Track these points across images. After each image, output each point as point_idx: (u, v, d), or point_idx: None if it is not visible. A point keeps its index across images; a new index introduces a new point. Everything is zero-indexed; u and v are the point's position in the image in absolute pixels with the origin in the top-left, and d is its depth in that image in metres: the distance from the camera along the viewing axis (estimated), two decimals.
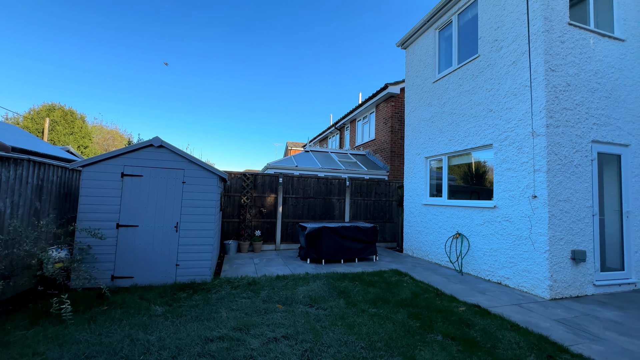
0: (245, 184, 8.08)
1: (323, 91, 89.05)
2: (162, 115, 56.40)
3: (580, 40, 5.01)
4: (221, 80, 70.01)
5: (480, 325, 3.33)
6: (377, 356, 2.60)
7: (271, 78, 78.47)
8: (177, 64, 57.33)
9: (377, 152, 11.94)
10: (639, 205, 5.26)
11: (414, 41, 8.26)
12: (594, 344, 3.07)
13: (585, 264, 4.71)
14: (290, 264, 6.40)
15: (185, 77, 60.36)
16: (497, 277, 5.30)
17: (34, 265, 4.15)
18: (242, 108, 77.15)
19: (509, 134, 5.25)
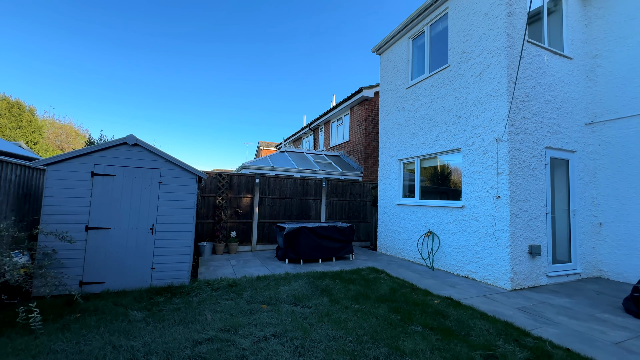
0: (221, 184, 7.92)
1: (296, 91, 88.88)
2: (124, 112, 52.92)
3: (537, 57, 5.58)
4: (188, 76, 67.24)
5: (454, 316, 3.62)
6: (365, 348, 2.74)
7: (240, 75, 76.81)
8: (140, 58, 54.08)
9: (351, 153, 12.23)
10: (583, 205, 5.96)
11: (388, 48, 8.61)
12: (550, 327, 3.46)
13: (540, 257, 5.26)
14: (269, 265, 6.39)
15: (150, 72, 57.15)
16: (465, 272, 5.72)
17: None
18: (211, 105, 74.69)
19: (476, 140, 5.70)
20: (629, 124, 5.60)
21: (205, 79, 71.26)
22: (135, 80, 54.55)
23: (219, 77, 74.10)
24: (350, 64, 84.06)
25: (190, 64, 66.87)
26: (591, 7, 6.29)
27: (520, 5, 5.44)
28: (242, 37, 70.14)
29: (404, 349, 2.75)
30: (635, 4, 5.60)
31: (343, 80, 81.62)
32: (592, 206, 6.03)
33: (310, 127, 16.12)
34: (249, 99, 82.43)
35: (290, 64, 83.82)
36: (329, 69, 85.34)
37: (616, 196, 5.72)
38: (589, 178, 6.07)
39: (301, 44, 78.75)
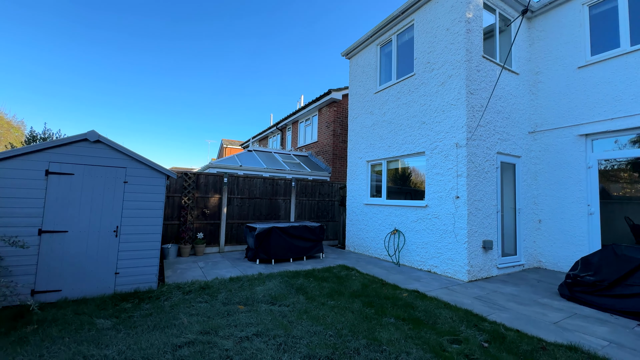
0: (187, 184, 7.61)
1: (260, 88, 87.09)
2: (59, 106, 47.77)
3: (490, 71, 6.20)
4: (136, 71, 62.61)
5: (422, 307, 3.93)
6: (345, 341, 2.89)
7: (197, 72, 73.46)
8: (90, 52, 49.23)
9: (320, 154, 12.42)
10: (526, 204, 6.75)
11: (357, 53, 8.92)
12: (502, 312, 3.92)
13: (492, 251, 5.86)
14: (239, 266, 6.31)
15: (100, 66, 52.26)
16: (428, 266, 6.18)
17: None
18: (165, 101, 70.38)
19: (438, 144, 6.17)
20: (562, 133, 6.46)
21: (157, 74, 66.94)
22: (77, 72, 49.59)
23: (173, 73, 70.18)
24: (318, 64, 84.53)
25: (139, 57, 62.45)
26: (534, 29, 7.13)
27: (477, 23, 6.00)
28: (199, 33, 67.15)
29: (381, 339, 2.95)
30: (569, 31, 6.47)
31: (311, 79, 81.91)
32: (533, 205, 6.84)
33: (277, 126, 16.02)
34: (208, 95, 79.16)
35: (248, 60, 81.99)
36: (296, 68, 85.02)
37: (552, 196, 6.56)
38: (531, 180, 6.88)
39: (265, 41, 77.48)
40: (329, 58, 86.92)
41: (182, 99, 73.64)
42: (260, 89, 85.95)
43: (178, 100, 73.81)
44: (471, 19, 5.89)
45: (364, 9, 60.93)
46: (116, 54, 61.73)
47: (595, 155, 6.04)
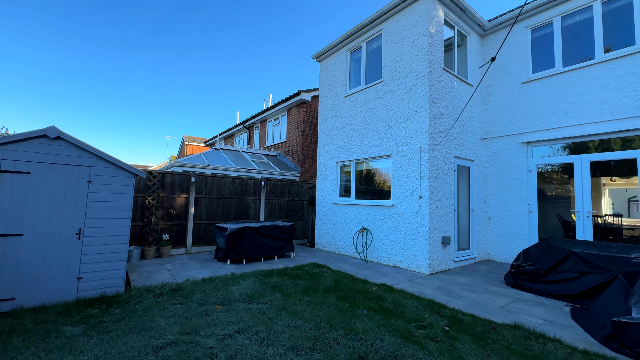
0: (151, 183, 7.29)
1: (226, 85, 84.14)
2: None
3: (450, 82, 6.80)
4: (80, 60, 57.24)
5: (391, 299, 4.26)
6: (324, 332, 3.09)
7: (155, 65, 69.13)
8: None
9: (288, 153, 12.51)
10: (478, 203, 7.50)
11: (328, 57, 9.18)
12: (458, 300, 4.39)
13: (450, 246, 6.45)
14: (209, 267, 6.23)
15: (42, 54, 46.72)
16: (393, 262, 6.61)
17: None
18: (122, 96, 65.19)
19: (404, 148, 6.63)
20: (508, 141, 7.29)
21: (106, 65, 61.78)
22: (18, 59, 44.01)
23: (126, 65, 65.26)
24: (287, 62, 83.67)
25: (85, 46, 57.20)
26: (486, 46, 7.93)
27: (438, 38, 6.55)
28: (160, 26, 63.24)
29: (357, 329, 3.20)
30: (515, 49, 7.31)
31: (279, 78, 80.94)
32: (484, 204, 7.63)
33: (244, 124, 15.77)
34: (168, 90, 74.82)
35: (212, 56, 79.03)
36: (263, 66, 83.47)
37: (500, 197, 7.38)
38: (482, 182, 7.65)
39: (231, 35, 75.10)
40: (294, 55, 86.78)
41: (134, 92, 68.74)
42: (224, 85, 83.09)
43: (130, 93, 68.75)
44: (434, 33, 6.41)
45: (333, 7, 61.73)
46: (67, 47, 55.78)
47: (535, 160, 6.92)
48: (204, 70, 75.97)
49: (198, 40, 68.91)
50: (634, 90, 5.56)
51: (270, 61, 76.90)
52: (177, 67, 70.76)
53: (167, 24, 60.15)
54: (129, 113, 62.33)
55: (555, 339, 3.12)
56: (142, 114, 64.95)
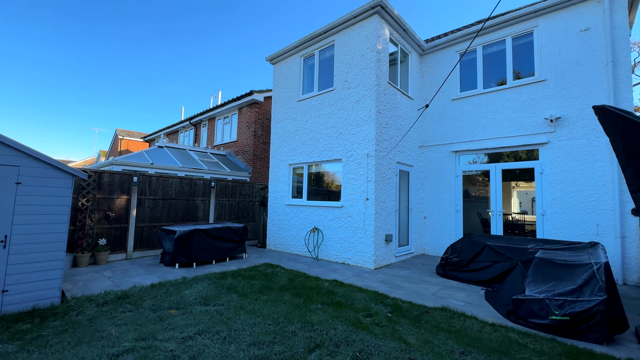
0: (86, 184, 6.66)
1: (167, 78, 77.63)
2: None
3: (393, 95, 7.54)
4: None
5: (341, 293, 4.67)
6: (283, 327, 3.33)
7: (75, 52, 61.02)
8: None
9: (239, 153, 12.32)
10: (416, 204, 8.42)
11: (282, 61, 9.34)
12: (399, 290, 5.00)
13: (392, 243, 7.17)
14: (156, 272, 5.96)
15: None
16: (343, 259, 7.10)
17: None
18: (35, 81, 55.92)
19: (353, 153, 7.16)
20: (441, 149, 8.34)
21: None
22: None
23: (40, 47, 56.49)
24: (235, 57, 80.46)
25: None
26: (424, 64, 8.93)
27: (384, 54, 7.22)
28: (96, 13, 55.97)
29: (313, 321, 3.50)
30: (447, 70, 8.37)
31: (225, 73, 77.37)
32: (420, 205, 8.59)
33: (191, 121, 15.02)
34: (94, 79, 66.50)
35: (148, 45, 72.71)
36: (208, 60, 79.06)
37: (434, 198, 8.39)
38: (419, 185, 8.61)
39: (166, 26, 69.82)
40: (242, 51, 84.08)
41: (51, 78, 59.45)
42: (164, 78, 76.80)
43: (50, 79, 59.30)
44: (380, 50, 7.05)
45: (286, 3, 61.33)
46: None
47: (461, 167, 8.04)
48: (140, 60, 68.94)
49: (135, 30, 62.37)
50: (532, 112, 6.88)
51: (217, 55, 72.85)
52: (103, 55, 62.96)
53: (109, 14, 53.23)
54: (46, 100, 53.52)
55: (472, 317, 3.82)
56: (63, 103, 56.41)
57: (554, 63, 6.71)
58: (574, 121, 6.36)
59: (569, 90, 6.47)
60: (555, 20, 6.78)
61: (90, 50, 54.94)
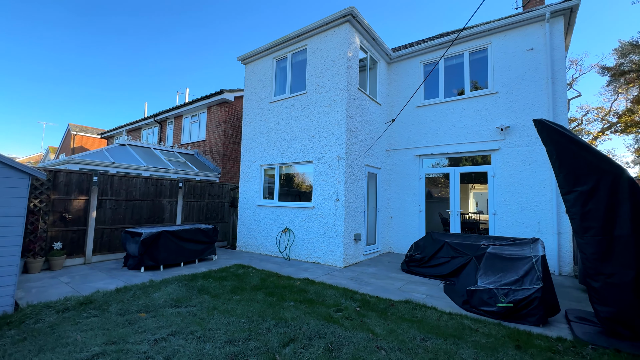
0: (39, 183, 6.20)
1: (126, 71, 72.65)
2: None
3: (363, 100, 7.88)
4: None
5: (313, 290, 4.85)
6: (257, 324, 3.43)
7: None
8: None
9: (208, 153, 12.05)
10: (383, 204, 8.85)
11: (254, 61, 9.33)
12: (367, 286, 5.29)
13: (361, 242, 7.49)
14: (120, 276, 5.73)
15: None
16: (313, 258, 7.29)
17: None
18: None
19: (324, 155, 7.38)
20: (406, 153, 8.85)
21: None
22: None
23: None
24: (202, 54, 77.41)
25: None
26: (391, 72, 9.42)
27: (355, 61, 7.54)
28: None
29: (286, 318, 3.64)
30: (413, 79, 8.91)
31: (191, 69, 74.11)
32: (387, 205, 9.04)
33: (156, 118, 14.37)
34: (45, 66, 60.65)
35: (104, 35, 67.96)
36: (171, 58, 75.36)
37: (399, 199, 8.88)
38: (386, 186, 9.06)
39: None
40: (210, 49, 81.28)
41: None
42: (124, 70, 71.78)
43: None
44: (351, 57, 7.35)
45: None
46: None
47: (424, 170, 8.60)
48: (97, 51, 63.78)
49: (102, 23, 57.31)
50: (486, 121, 7.58)
51: (180, 51, 69.20)
52: (50, 40, 57.27)
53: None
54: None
55: (432, 307, 4.19)
56: (2, 90, 50.32)
57: (505, 77, 7.45)
58: (520, 130, 7.12)
59: (517, 103, 7.23)
60: (506, 39, 7.53)
61: (35, 34, 49.54)
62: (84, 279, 5.46)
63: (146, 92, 70.65)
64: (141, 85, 72.48)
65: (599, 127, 20.94)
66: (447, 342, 3.12)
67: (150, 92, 73.50)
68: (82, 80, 61.85)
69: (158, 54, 69.46)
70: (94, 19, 55.20)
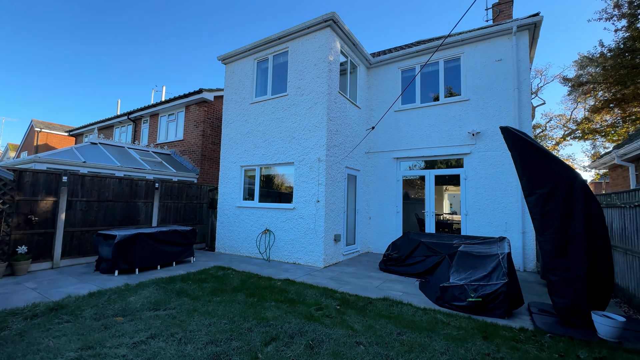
0: (2, 184, 5.85)
1: (96, 65, 68.87)
2: None
3: (343, 104, 8.06)
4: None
5: (293, 290, 4.92)
6: (239, 324, 3.45)
7: None
8: None
9: (186, 153, 11.78)
10: (362, 206, 9.07)
11: (234, 61, 9.27)
12: (347, 285, 5.43)
13: (340, 242, 7.64)
14: (92, 280, 5.52)
15: None
16: (294, 259, 7.35)
17: None
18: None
19: (305, 157, 7.47)
20: (384, 156, 9.13)
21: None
22: None
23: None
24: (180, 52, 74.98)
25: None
26: (371, 77, 9.68)
27: (335, 65, 7.70)
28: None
29: (268, 317, 3.69)
30: (392, 84, 9.21)
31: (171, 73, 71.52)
32: (366, 206, 9.27)
33: (130, 116, 13.84)
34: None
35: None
36: (146, 54, 72.46)
37: (378, 200, 9.14)
38: (365, 188, 9.29)
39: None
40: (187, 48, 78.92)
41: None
42: (94, 66, 67.94)
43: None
44: (332, 61, 7.51)
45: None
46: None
47: (401, 172, 8.91)
48: (65, 43, 59.63)
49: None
50: (459, 126, 7.99)
51: (156, 49, 66.24)
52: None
53: None
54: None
55: (408, 304, 4.39)
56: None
57: (476, 86, 7.90)
58: (490, 136, 7.58)
59: (487, 110, 7.69)
60: (477, 49, 7.99)
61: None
62: (52, 284, 5.21)
63: (119, 89, 67.36)
64: (113, 83, 69.04)
65: (561, 133, 22.56)
66: (422, 335, 3.31)
67: (124, 90, 70.13)
68: (46, 72, 57.65)
69: (132, 51, 66.23)
70: (61, 9, 51.62)
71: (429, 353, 2.93)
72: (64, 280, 5.47)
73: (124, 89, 70.37)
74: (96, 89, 59.93)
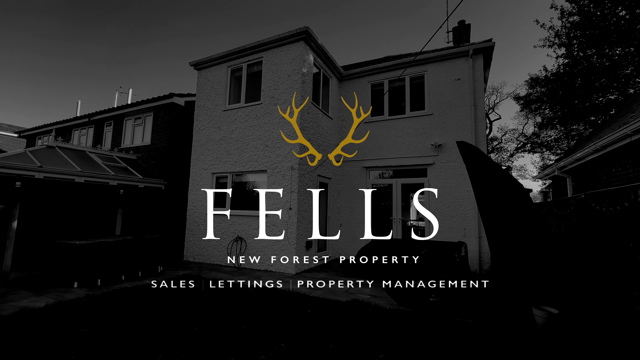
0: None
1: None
2: None
3: (316, 114, 8.34)
4: None
5: (265, 297, 4.99)
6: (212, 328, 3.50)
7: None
8: None
9: (153, 159, 11.37)
10: (334, 213, 9.34)
11: (207, 67, 9.23)
12: (318, 290, 5.60)
13: (312, 249, 7.81)
14: (49, 293, 5.19)
15: None
16: (266, 266, 7.39)
17: None
18: None
19: (278, 165, 7.61)
20: (355, 164, 9.51)
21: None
22: None
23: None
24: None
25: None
26: (343, 89, 10.09)
27: (309, 77, 7.98)
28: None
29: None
30: (362, 97, 9.66)
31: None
32: (337, 213, 9.55)
33: (91, 118, 13.12)
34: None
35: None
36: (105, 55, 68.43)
37: (348, 207, 9.46)
38: (337, 195, 9.58)
39: None
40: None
41: None
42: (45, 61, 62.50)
43: None
44: (305, 73, 7.78)
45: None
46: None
47: (371, 180, 9.33)
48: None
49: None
50: (423, 138, 8.58)
51: (118, 50, 62.11)
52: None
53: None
54: None
55: (375, 305, 4.66)
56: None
57: (438, 101, 8.56)
58: (450, 148, 8.21)
59: (448, 124, 8.35)
60: (439, 68, 8.68)
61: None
62: (1, 298, 4.84)
63: (77, 91, 62.61)
64: (71, 84, 64.14)
65: (514, 146, 24.64)
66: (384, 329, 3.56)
67: (83, 91, 65.34)
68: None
69: (88, 50, 61.89)
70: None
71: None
72: (16, 295, 5.10)
73: (84, 92, 65.75)
74: (52, 91, 54.86)
